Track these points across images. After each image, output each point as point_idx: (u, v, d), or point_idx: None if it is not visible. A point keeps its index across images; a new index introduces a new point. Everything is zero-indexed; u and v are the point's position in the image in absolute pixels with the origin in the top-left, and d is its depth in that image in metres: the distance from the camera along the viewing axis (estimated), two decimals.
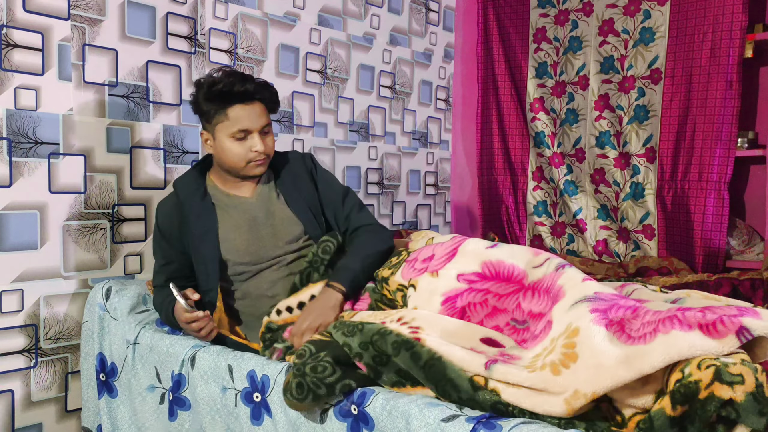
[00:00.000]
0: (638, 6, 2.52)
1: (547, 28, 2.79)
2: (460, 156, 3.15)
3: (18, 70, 1.64)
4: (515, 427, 0.96)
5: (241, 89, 1.48)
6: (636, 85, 2.54)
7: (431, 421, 1.03)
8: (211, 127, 1.53)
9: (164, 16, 1.94)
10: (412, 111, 2.87)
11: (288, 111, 2.34)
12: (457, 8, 3.10)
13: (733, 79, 2.28)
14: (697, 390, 0.87)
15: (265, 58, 2.25)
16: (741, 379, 0.86)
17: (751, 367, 0.88)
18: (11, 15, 1.62)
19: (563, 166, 2.79)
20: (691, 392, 0.88)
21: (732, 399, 0.86)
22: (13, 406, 1.68)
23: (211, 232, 1.55)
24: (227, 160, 1.54)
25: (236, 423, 1.33)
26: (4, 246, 1.64)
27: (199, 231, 1.55)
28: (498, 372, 1.04)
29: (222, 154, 1.53)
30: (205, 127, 1.55)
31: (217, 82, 1.49)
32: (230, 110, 1.49)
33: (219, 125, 1.51)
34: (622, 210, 2.61)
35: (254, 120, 1.51)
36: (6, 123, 1.62)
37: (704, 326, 0.94)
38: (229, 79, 1.49)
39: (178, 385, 1.46)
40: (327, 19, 2.46)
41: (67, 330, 1.76)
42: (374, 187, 2.70)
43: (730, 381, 0.86)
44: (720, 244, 2.33)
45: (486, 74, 3.00)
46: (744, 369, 0.88)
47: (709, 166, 2.36)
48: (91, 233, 1.80)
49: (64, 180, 1.74)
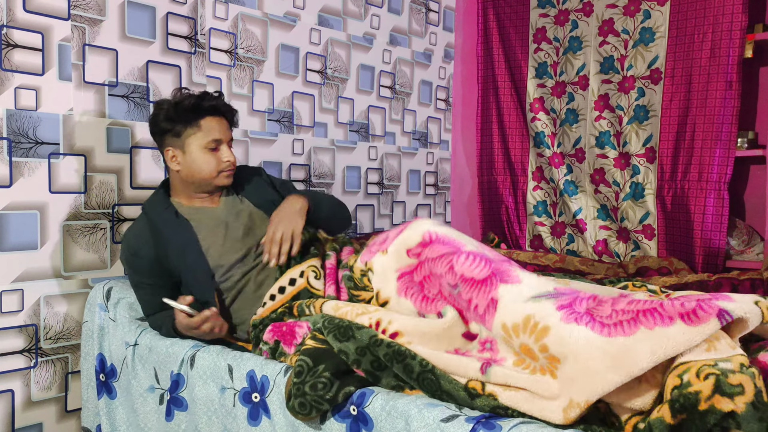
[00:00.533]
0: (638, 6, 2.52)
1: (547, 28, 2.79)
2: (460, 156, 3.15)
3: (18, 70, 1.64)
4: (515, 427, 0.96)
5: (211, 103, 1.58)
6: (636, 85, 2.54)
7: (431, 421, 1.03)
8: (180, 141, 1.57)
9: (164, 16, 1.94)
10: (412, 111, 2.88)
11: (288, 111, 2.34)
12: (457, 8, 3.10)
13: (733, 79, 2.28)
14: (697, 401, 0.86)
15: (265, 58, 2.25)
16: (741, 390, 0.85)
17: (749, 374, 0.87)
18: (11, 15, 1.62)
19: (563, 166, 2.79)
20: (690, 403, 0.87)
21: (733, 411, 0.84)
22: (13, 406, 1.68)
23: (192, 243, 1.57)
24: (199, 171, 1.58)
25: (233, 423, 1.33)
26: (4, 246, 1.64)
27: (179, 244, 1.56)
28: (496, 375, 1.04)
29: (194, 165, 1.57)
30: (170, 144, 1.58)
31: (183, 99, 1.56)
32: (203, 122, 1.57)
33: (191, 137, 1.57)
34: (622, 210, 2.61)
35: (224, 131, 1.60)
36: (6, 123, 1.62)
37: (684, 315, 0.93)
38: (196, 95, 1.58)
39: (176, 385, 1.46)
40: (327, 19, 2.46)
41: (67, 330, 1.77)
42: (374, 187, 2.70)
43: (730, 393, 0.85)
44: (720, 244, 2.33)
45: (486, 74, 3.00)
46: (743, 378, 0.86)
47: (709, 166, 2.36)
48: (91, 233, 1.80)
49: (64, 180, 1.74)
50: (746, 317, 0.95)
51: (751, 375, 0.87)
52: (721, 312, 0.92)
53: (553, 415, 0.96)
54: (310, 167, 2.42)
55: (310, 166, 2.41)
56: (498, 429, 0.96)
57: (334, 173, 2.51)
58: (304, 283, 1.50)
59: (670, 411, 0.88)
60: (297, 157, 2.37)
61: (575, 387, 0.95)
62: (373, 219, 2.70)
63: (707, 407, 0.85)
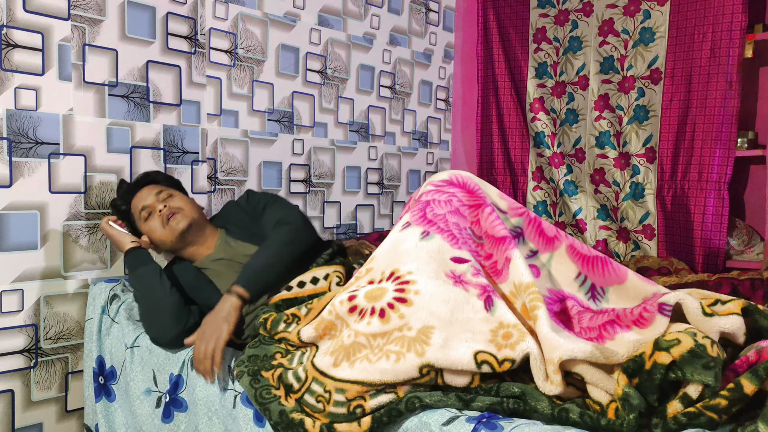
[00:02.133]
0: (638, 6, 2.52)
1: (547, 28, 2.79)
2: (460, 156, 3.15)
3: (18, 70, 1.64)
4: (516, 428, 0.96)
5: (129, 187, 1.70)
6: (636, 85, 2.54)
7: (431, 422, 1.02)
8: (138, 230, 1.67)
9: (164, 16, 1.94)
10: (412, 111, 2.87)
11: (288, 111, 2.34)
12: (457, 8, 3.10)
13: (733, 79, 2.28)
14: (642, 362, 0.96)
15: (265, 58, 2.25)
16: (677, 342, 0.94)
17: (690, 333, 0.95)
18: (11, 15, 1.62)
19: (563, 166, 2.79)
20: (638, 365, 0.96)
21: (673, 360, 0.92)
22: (13, 406, 1.68)
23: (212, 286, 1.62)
24: (158, 238, 1.65)
25: (234, 424, 1.33)
26: (4, 246, 1.64)
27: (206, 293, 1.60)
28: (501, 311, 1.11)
29: (153, 238, 1.65)
30: (138, 234, 1.68)
31: (116, 201, 1.71)
32: (131, 205, 1.68)
33: (135, 222, 1.67)
34: (622, 210, 2.61)
35: (148, 197, 1.66)
36: (6, 123, 1.62)
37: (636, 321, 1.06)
38: (119, 192, 1.73)
39: (176, 386, 1.46)
40: (327, 19, 2.46)
41: (67, 330, 1.76)
42: (374, 187, 2.70)
43: (666, 347, 0.94)
44: (720, 244, 2.33)
45: (486, 74, 3.00)
46: (681, 335, 0.95)
47: (708, 166, 2.36)
48: (91, 233, 1.80)
49: (64, 180, 1.74)
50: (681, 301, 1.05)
51: (692, 334, 0.95)
52: (661, 306, 1.04)
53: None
54: (310, 167, 2.41)
55: (310, 166, 2.41)
56: (499, 429, 0.96)
57: (334, 173, 2.51)
58: (326, 286, 1.49)
59: (625, 377, 0.96)
60: (297, 157, 2.37)
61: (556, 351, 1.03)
62: (373, 219, 2.70)
63: (651, 364, 0.94)
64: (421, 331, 1.08)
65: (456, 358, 1.04)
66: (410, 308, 1.10)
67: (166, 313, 1.49)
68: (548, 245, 1.28)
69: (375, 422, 1.05)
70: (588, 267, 1.25)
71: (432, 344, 1.05)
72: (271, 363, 1.23)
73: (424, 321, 1.09)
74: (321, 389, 1.10)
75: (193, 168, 2.04)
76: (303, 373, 1.15)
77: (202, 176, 2.07)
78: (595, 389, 1.01)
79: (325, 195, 2.48)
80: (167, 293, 1.52)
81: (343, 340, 1.13)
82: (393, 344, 1.08)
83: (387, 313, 1.11)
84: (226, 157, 2.14)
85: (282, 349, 1.27)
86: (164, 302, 1.50)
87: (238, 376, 1.22)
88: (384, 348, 1.08)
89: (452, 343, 1.06)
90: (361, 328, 1.12)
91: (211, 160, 2.09)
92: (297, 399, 1.12)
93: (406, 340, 1.07)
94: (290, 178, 2.35)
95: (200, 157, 2.05)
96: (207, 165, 2.08)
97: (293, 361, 1.22)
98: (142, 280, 1.55)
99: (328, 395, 1.08)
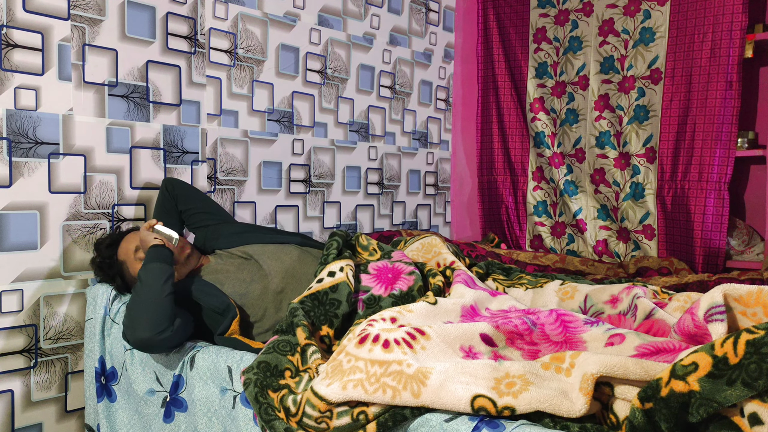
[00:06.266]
0: (638, 6, 2.52)
1: (547, 28, 2.80)
2: (460, 156, 3.15)
3: (18, 70, 1.64)
4: (517, 427, 0.95)
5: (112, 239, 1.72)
6: (636, 85, 2.54)
7: (433, 419, 1.02)
8: (131, 274, 1.67)
9: (164, 16, 1.94)
10: (412, 111, 2.87)
11: (288, 111, 2.34)
12: (457, 8, 3.10)
13: (733, 79, 2.28)
14: (658, 388, 0.87)
15: (265, 58, 2.24)
16: (695, 367, 0.85)
17: (706, 348, 0.86)
18: (11, 15, 1.62)
19: (563, 166, 2.79)
20: (652, 390, 0.88)
21: (692, 390, 0.84)
22: (13, 406, 1.68)
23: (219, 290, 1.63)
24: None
25: (233, 425, 1.32)
26: (4, 246, 1.64)
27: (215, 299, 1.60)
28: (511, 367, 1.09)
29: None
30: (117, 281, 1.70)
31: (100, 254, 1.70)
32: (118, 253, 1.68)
33: (128, 266, 1.66)
34: (622, 210, 2.61)
35: (135, 239, 1.68)
36: (6, 123, 1.62)
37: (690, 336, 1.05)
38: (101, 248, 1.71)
39: (176, 386, 1.46)
40: (327, 19, 2.46)
41: (67, 330, 1.76)
42: (374, 187, 2.70)
43: (683, 374, 0.85)
44: (720, 244, 2.33)
45: (486, 74, 3.00)
46: (698, 355, 0.85)
47: (709, 166, 2.36)
48: (91, 233, 1.80)
49: (64, 180, 1.74)
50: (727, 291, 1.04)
51: (709, 347, 0.86)
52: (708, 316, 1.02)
53: (572, 394, 0.96)
54: (310, 167, 2.41)
55: (310, 166, 2.41)
56: (501, 428, 0.96)
57: (334, 173, 2.51)
58: (344, 277, 1.48)
59: (638, 399, 0.89)
60: (297, 157, 2.37)
61: (590, 364, 0.97)
62: (373, 219, 2.70)
63: (668, 392, 0.86)
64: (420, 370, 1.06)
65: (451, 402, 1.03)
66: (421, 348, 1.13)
67: (148, 312, 1.40)
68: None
69: (380, 427, 1.04)
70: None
71: (429, 385, 1.04)
72: (278, 382, 1.21)
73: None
74: (317, 413, 1.08)
75: (193, 168, 2.04)
76: (299, 397, 1.13)
77: (202, 176, 2.07)
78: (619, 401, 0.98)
79: (325, 195, 2.48)
80: (162, 296, 1.43)
81: (342, 365, 1.12)
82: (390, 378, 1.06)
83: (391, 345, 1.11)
84: (226, 157, 2.14)
85: (293, 366, 1.24)
86: (154, 303, 1.42)
87: (245, 383, 1.20)
88: (381, 380, 1.07)
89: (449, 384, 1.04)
90: (363, 354, 1.12)
91: (211, 160, 2.09)
92: (297, 422, 1.11)
93: (404, 376, 1.05)
94: (290, 178, 2.35)
95: (200, 157, 2.05)
96: (207, 165, 2.08)
97: (299, 386, 1.20)
98: (149, 273, 1.48)
99: (329, 413, 1.08)
